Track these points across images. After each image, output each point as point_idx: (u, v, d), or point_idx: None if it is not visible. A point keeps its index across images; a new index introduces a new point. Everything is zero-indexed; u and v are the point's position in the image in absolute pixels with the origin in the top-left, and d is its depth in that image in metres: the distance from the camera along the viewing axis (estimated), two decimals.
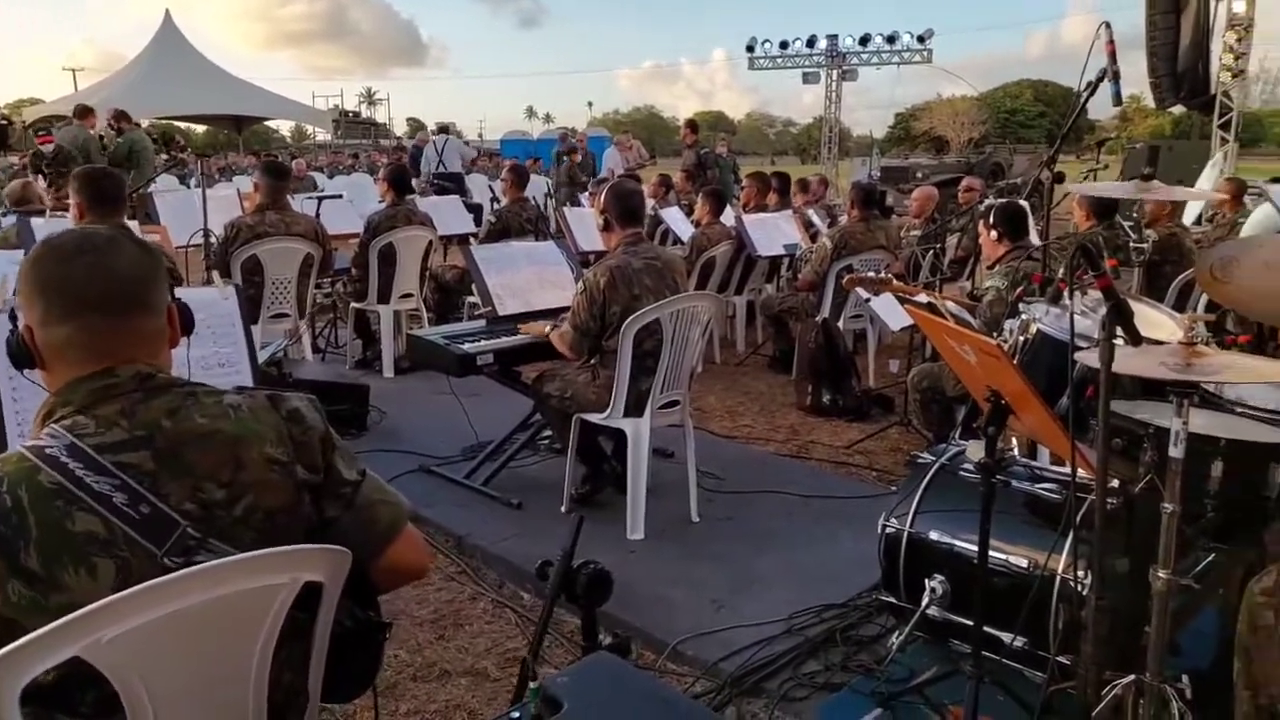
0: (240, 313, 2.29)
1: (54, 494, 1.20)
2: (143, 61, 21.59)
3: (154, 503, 1.24)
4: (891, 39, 21.50)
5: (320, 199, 6.90)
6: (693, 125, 11.29)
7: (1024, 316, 2.57)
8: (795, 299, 6.11)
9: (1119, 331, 1.75)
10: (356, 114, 44.58)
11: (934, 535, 2.52)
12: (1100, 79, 3.13)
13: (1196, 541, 2.19)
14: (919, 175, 17.77)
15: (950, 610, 2.45)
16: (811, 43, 22.19)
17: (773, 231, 6.67)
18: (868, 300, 4.68)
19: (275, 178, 5.34)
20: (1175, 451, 1.83)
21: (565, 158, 11.72)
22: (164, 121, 19.89)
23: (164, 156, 9.22)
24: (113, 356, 1.31)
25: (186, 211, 6.12)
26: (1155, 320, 2.72)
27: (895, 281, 4.44)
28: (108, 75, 23.23)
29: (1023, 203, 4.34)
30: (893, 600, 2.61)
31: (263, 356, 3.68)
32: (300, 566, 1.28)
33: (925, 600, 2.46)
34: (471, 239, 6.96)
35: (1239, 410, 2.35)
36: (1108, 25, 3.16)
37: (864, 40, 21.78)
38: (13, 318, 1.32)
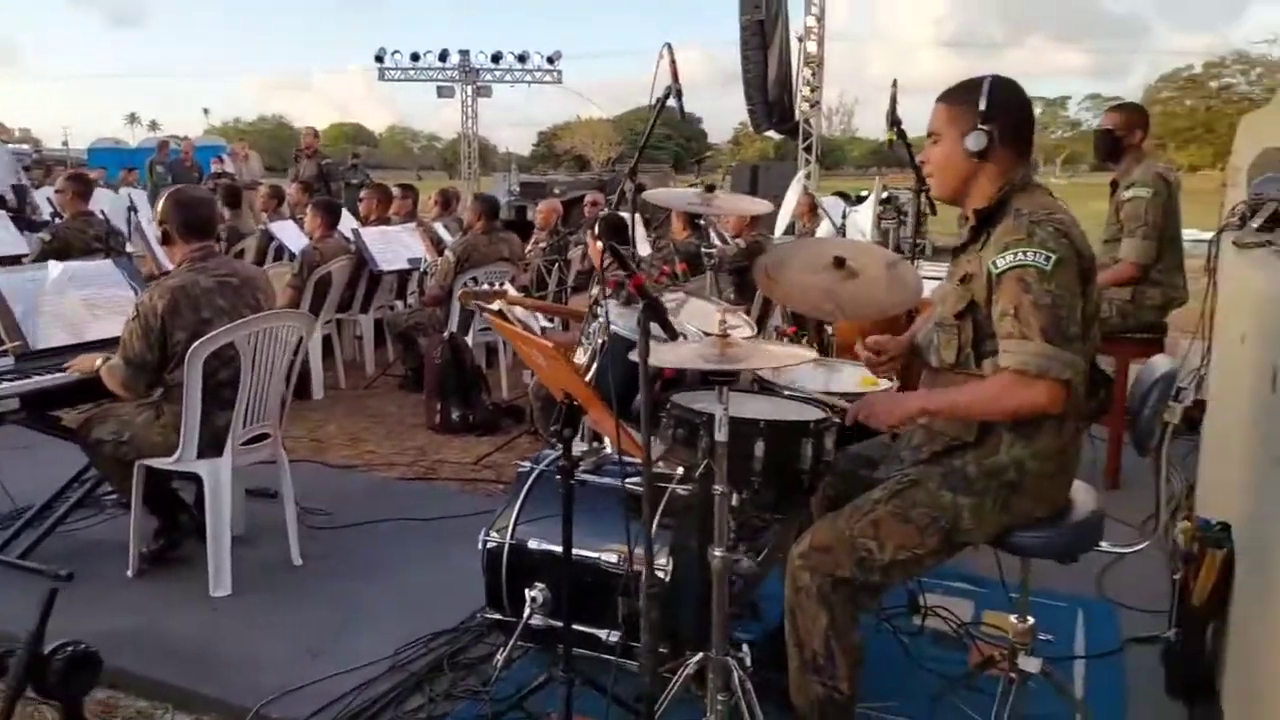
0: None
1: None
2: None
3: None
4: (523, 58, 22.08)
5: None
6: (314, 133, 10.63)
7: (600, 319, 2.65)
8: (422, 314, 5.93)
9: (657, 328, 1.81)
10: None
11: (532, 543, 2.49)
12: (666, 96, 3.34)
13: (756, 517, 2.37)
14: (555, 191, 18.29)
15: (552, 616, 2.42)
16: (444, 56, 22.07)
17: (395, 245, 6.43)
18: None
19: None
20: (720, 436, 1.95)
21: (160, 167, 10.44)
22: None
23: None
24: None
25: None
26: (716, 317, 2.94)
27: (512, 293, 4.47)
28: None
29: (624, 215, 4.56)
30: (499, 616, 2.54)
31: None
32: None
33: (527, 611, 2.43)
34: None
35: (786, 394, 2.59)
36: (669, 46, 3.38)
37: (496, 57, 22.11)
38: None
